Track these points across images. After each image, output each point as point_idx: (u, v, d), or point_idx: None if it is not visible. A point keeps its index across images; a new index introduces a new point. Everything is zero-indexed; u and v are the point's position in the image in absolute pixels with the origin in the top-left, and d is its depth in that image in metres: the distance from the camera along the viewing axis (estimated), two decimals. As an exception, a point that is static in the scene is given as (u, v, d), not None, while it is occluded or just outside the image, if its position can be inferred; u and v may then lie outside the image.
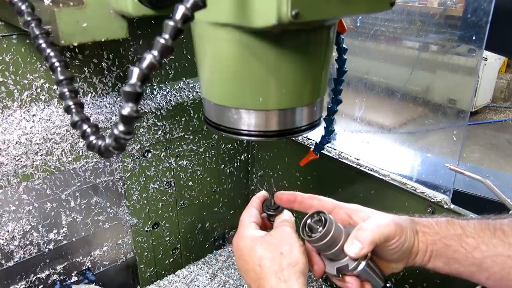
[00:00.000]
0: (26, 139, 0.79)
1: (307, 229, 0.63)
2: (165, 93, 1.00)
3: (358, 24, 1.05)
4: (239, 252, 0.63)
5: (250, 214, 0.67)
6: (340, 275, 0.63)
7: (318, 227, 0.62)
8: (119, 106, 0.92)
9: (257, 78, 0.51)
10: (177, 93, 1.01)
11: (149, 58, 0.37)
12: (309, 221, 0.64)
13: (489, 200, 1.06)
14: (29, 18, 0.47)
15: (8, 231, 0.84)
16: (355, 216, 0.66)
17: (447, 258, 0.61)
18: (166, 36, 0.37)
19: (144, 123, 0.96)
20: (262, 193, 0.71)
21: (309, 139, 1.09)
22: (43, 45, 0.46)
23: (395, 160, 1.02)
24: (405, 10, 0.96)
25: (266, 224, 0.70)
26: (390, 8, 0.50)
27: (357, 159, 0.98)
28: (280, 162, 1.17)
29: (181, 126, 1.03)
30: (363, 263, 0.61)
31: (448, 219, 0.63)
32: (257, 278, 0.59)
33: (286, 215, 0.67)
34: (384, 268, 0.66)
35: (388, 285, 0.66)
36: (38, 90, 0.84)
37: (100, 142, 0.43)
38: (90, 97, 0.91)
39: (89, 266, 1.00)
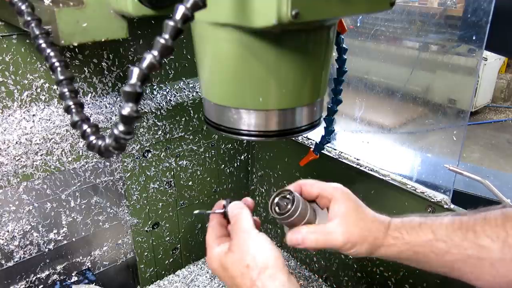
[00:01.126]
0: (26, 139, 0.79)
1: (276, 207, 0.66)
2: (165, 93, 1.00)
3: (358, 24, 1.05)
4: (216, 273, 0.63)
5: (210, 231, 0.67)
6: None
7: (285, 204, 0.65)
8: (119, 106, 0.92)
9: (257, 78, 0.51)
10: (177, 93, 1.01)
11: (149, 58, 0.37)
12: (277, 199, 0.66)
13: (489, 200, 1.06)
14: (29, 18, 0.47)
15: (8, 231, 0.84)
16: (331, 206, 0.66)
17: (417, 262, 0.63)
18: (166, 36, 0.37)
19: (144, 123, 0.96)
20: (218, 203, 0.70)
21: (309, 139, 1.09)
22: (43, 45, 0.46)
23: (395, 160, 1.02)
24: (405, 10, 0.96)
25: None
26: (390, 8, 0.50)
27: (357, 159, 0.98)
28: (280, 162, 1.17)
29: (181, 126, 1.03)
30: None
31: (421, 223, 0.62)
32: None
33: (234, 207, 0.65)
34: None
35: None
36: (38, 90, 0.84)
37: (100, 142, 0.43)
38: (90, 97, 0.91)
39: (89, 266, 1.00)
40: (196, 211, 0.71)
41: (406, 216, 0.66)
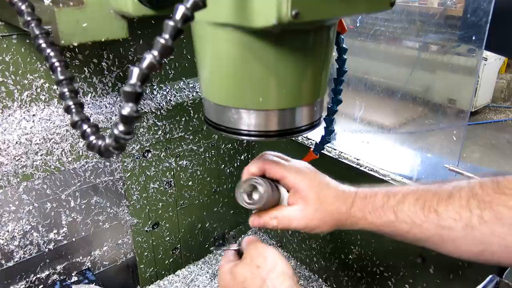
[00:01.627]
0: (26, 139, 0.79)
1: (244, 195, 0.67)
2: (165, 93, 1.00)
3: (358, 24, 1.05)
4: (225, 284, 0.65)
5: (224, 260, 0.70)
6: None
7: (251, 192, 0.67)
8: (119, 106, 0.92)
9: (257, 78, 0.51)
10: (177, 93, 1.01)
11: (149, 58, 0.37)
12: (243, 189, 0.68)
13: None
14: (29, 18, 0.47)
15: (8, 231, 0.84)
16: (291, 194, 0.68)
17: (383, 235, 0.64)
18: (166, 36, 0.37)
19: (144, 123, 0.96)
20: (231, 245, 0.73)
21: (309, 139, 1.09)
22: (43, 45, 0.46)
23: (395, 160, 1.02)
24: (405, 10, 0.96)
25: None
26: (390, 8, 0.50)
27: (357, 159, 0.98)
28: (280, 162, 1.17)
29: (181, 126, 1.03)
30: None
31: (384, 202, 0.63)
32: None
33: (248, 239, 0.69)
34: None
35: None
36: (38, 90, 0.84)
37: (100, 142, 0.43)
38: (90, 97, 0.91)
39: (89, 266, 1.00)
40: (212, 248, 0.75)
41: (372, 189, 0.66)
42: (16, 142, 0.78)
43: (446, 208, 0.57)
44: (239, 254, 0.70)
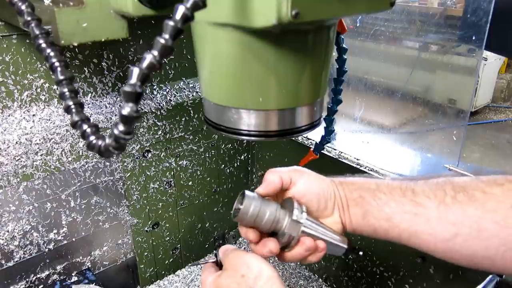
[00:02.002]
0: (26, 139, 0.79)
1: (234, 210, 0.67)
2: (165, 93, 1.00)
3: (358, 24, 1.05)
4: None
5: (205, 272, 0.67)
6: (289, 248, 0.64)
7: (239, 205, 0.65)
8: (119, 106, 0.92)
9: (257, 78, 0.51)
10: (177, 93, 1.01)
11: (149, 58, 0.37)
12: (235, 203, 0.67)
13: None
14: (29, 18, 0.47)
15: (8, 231, 0.84)
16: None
17: (363, 209, 0.64)
18: (166, 36, 0.37)
19: (144, 123, 0.96)
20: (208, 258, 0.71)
21: (309, 139, 1.09)
22: (43, 45, 0.46)
23: (395, 160, 1.02)
24: (405, 10, 0.96)
25: None
26: (390, 8, 0.50)
27: (357, 159, 0.98)
28: (280, 162, 1.17)
29: (181, 126, 1.03)
30: (302, 220, 0.63)
31: (367, 176, 0.68)
32: None
33: (224, 247, 0.68)
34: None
35: (357, 247, 0.70)
36: (38, 90, 0.84)
37: (100, 142, 0.43)
38: (90, 97, 0.91)
39: (89, 266, 1.00)
40: (190, 264, 0.72)
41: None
42: (16, 142, 0.78)
43: (422, 188, 0.59)
44: (219, 266, 0.67)
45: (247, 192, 0.66)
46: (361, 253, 0.71)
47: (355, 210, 0.65)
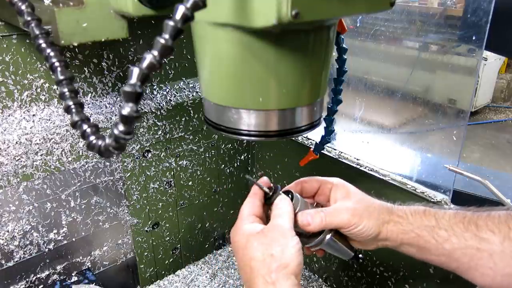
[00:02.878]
0: (26, 139, 0.79)
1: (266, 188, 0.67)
2: (165, 93, 1.00)
3: (358, 24, 1.05)
4: (235, 247, 0.63)
5: (250, 205, 0.66)
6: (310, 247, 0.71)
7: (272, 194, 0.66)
8: (119, 106, 0.92)
9: (257, 78, 0.51)
10: (177, 93, 1.01)
11: (149, 58, 0.37)
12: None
13: (489, 200, 1.06)
14: (29, 18, 0.47)
15: (8, 231, 0.84)
16: (332, 193, 0.70)
17: (419, 247, 0.64)
18: (166, 36, 0.37)
19: (144, 123, 0.96)
20: (264, 180, 0.68)
21: (309, 139, 1.09)
22: (43, 45, 0.46)
23: (395, 160, 1.02)
24: (405, 10, 0.96)
25: (268, 216, 0.69)
26: (390, 8, 0.50)
27: (357, 159, 0.98)
28: (280, 162, 1.17)
29: (181, 126, 1.03)
30: (327, 237, 0.68)
31: (426, 209, 0.65)
32: (247, 278, 0.59)
33: (284, 203, 0.65)
34: (355, 244, 0.71)
35: (360, 256, 0.73)
36: (38, 90, 0.84)
37: (100, 142, 0.43)
38: (90, 97, 0.91)
39: (89, 266, 1.00)
40: (247, 176, 0.70)
41: (409, 205, 0.68)
42: (16, 142, 0.78)
43: (485, 222, 0.58)
44: (268, 200, 0.66)
45: (295, 194, 0.68)
46: (361, 259, 0.73)
47: (408, 248, 0.65)
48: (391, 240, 0.65)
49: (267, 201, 0.67)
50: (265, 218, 0.67)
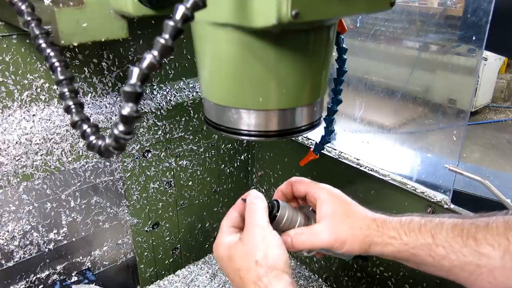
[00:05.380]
0: (26, 139, 0.79)
1: None
2: (165, 93, 1.00)
3: (358, 24, 1.05)
4: (219, 261, 0.63)
5: (229, 218, 0.66)
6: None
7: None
8: (119, 106, 0.92)
9: (257, 78, 0.51)
10: (177, 93, 1.01)
11: (149, 58, 0.38)
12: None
13: (489, 200, 1.06)
14: (29, 18, 0.47)
15: (8, 231, 0.84)
16: (317, 208, 0.68)
17: (415, 263, 0.62)
18: (166, 36, 0.37)
19: (144, 123, 0.96)
20: (247, 194, 0.68)
21: (309, 139, 1.09)
22: (43, 45, 0.46)
23: (395, 160, 1.02)
24: (405, 10, 0.96)
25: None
26: (390, 8, 0.50)
27: (357, 159, 0.98)
28: (280, 162, 1.17)
29: (181, 126, 1.03)
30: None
31: (421, 225, 0.62)
32: (240, 287, 0.59)
33: (253, 203, 0.63)
34: None
35: (363, 257, 0.71)
36: (38, 90, 0.84)
37: (100, 142, 0.43)
38: (90, 97, 0.91)
39: (89, 266, 1.00)
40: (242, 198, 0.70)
41: (405, 216, 0.65)
42: (16, 142, 0.78)
43: (484, 236, 0.56)
44: (276, 224, 0.66)
45: (280, 202, 0.68)
46: (365, 259, 0.73)
47: (406, 263, 0.64)
48: (387, 256, 0.64)
49: (271, 215, 0.67)
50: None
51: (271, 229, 0.60)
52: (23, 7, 0.47)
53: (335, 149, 1.03)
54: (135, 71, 0.38)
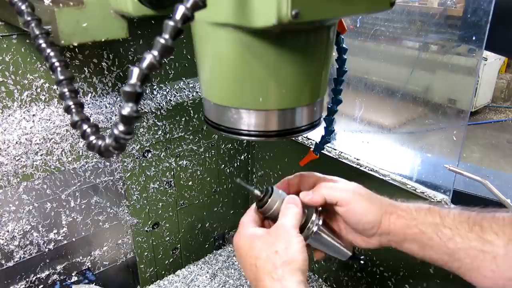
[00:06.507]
0: (26, 139, 0.79)
1: (256, 191, 0.68)
2: (165, 93, 1.00)
3: (358, 24, 1.05)
4: (238, 251, 0.64)
5: (249, 215, 0.68)
6: None
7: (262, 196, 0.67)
8: (119, 106, 0.92)
9: (257, 78, 0.51)
10: (177, 93, 1.01)
11: (149, 58, 0.38)
12: (257, 192, 0.68)
13: (489, 200, 1.05)
14: (29, 18, 0.47)
15: (8, 231, 0.84)
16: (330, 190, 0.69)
17: (421, 244, 0.63)
18: (166, 36, 0.37)
19: (144, 123, 0.96)
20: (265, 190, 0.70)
21: (309, 139, 1.09)
22: (43, 45, 0.46)
23: (395, 160, 1.02)
24: (405, 10, 0.96)
25: (267, 225, 0.70)
26: (390, 8, 0.50)
27: (357, 159, 0.98)
28: (280, 162, 1.17)
29: (181, 126, 1.03)
30: (314, 229, 0.66)
31: (430, 207, 0.64)
32: (254, 277, 0.60)
33: (291, 204, 0.66)
34: (358, 241, 0.69)
35: (361, 257, 0.72)
36: (38, 90, 0.84)
37: (100, 142, 0.43)
38: (90, 97, 0.91)
39: (89, 266, 1.00)
40: (238, 179, 0.71)
41: (412, 202, 0.68)
42: (16, 142, 0.78)
43: (490, 224, 0.58)
44: (260, 207, 0.67)
45: (275, 189, 0.69)
46: (362, 261, 0.73)
47: (410, 245, 0.65)
48: (394, 234, 0.65)
49: (259, 204, 0.68)
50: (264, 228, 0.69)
51: (297, 232, 0.62)
52: (23, 7, 0.47)
53: (335, 149, 1.03)
54: (135, 71, 0.38)
